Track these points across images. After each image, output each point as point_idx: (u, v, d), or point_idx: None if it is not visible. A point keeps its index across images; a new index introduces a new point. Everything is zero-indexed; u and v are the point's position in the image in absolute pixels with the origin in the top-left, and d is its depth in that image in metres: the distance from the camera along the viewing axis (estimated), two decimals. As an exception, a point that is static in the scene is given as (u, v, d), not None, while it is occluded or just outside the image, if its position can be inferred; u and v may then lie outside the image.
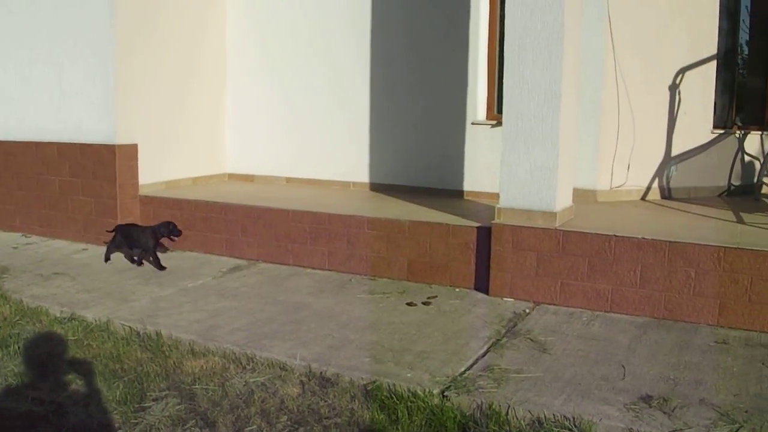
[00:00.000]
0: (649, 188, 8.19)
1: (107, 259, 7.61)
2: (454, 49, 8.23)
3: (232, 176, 9.82)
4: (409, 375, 4.58)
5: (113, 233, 7.57)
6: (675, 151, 8.28)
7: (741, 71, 10.06)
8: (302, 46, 9.14)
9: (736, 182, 8.98)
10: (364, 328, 5.49)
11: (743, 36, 9.89)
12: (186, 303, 6.13)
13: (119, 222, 7.94)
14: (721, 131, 8.84)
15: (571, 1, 6.10)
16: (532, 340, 5.25)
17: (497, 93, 8.10)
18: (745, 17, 9.81)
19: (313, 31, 9.04)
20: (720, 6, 8.76)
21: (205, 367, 4.86)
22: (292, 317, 5.72)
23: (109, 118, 8.11)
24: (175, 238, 7.46)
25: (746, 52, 10.07)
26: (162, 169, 8.76)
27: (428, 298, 6.27)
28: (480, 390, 4.35)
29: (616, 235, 5.89)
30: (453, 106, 8.29)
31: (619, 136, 7.82)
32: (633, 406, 4.15)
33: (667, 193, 8.32)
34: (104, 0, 8.01)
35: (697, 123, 8.49)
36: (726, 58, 9.35)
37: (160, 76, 8.64)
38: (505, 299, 6.23)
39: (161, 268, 7.27)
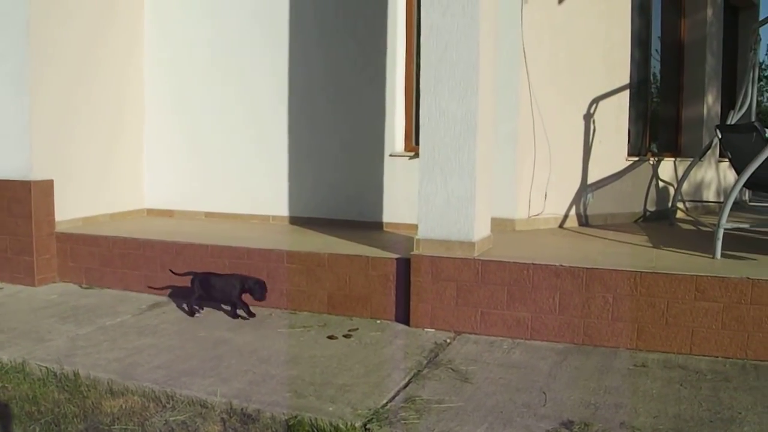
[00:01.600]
0: (566, 216, 8.44)
1: (193, 313, 7.05)
2: (372, 81, 8.38)
3: (151, 211, 9.80)
4: (330, 409, 4.63)
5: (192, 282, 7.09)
6: (591, 178, 8.56)
7: (654, 99, 10.44)
8: (219, 79, 9.19)
9: (651, 208, 9.30)
10: (285, 362, 5.54)
11: (655, 65, 10.27)
12: (104, 341, 6.11)
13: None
14: (636, 158, 9.16)
15: (485, 33, 6.31)
16: (453, 370, 5.35)
17: (415, 124, 8.27)
18: (656, 47, 10.19)
19: (230, 64, 9.11)
20: (632, 36, 9.10)
21: (124, 407, 4.85)
22: (212, 353, 5.75)
23: (24, 153, 8.04)
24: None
25: (659, 81, 10.46)
26: (79, 206, 8.71)
27: (349, 330, 6.35)
28: (402, 422, 4.43)
29: (534, 263, 6.08)
30: (371, 138, 8.43)
31: (536, 165, 8.05)
32: (554, 433, 4.27)
33: (584, 221, 8.59)
34: (20, 33, 7.95)
35: (612, 151, 8.80)
36: (639, 87, 9.71)
37: (76, 110, 8.60)
38: (426, 330, 6.35)
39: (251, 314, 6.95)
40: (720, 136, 8.36)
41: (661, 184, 9.60)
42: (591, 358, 5.66)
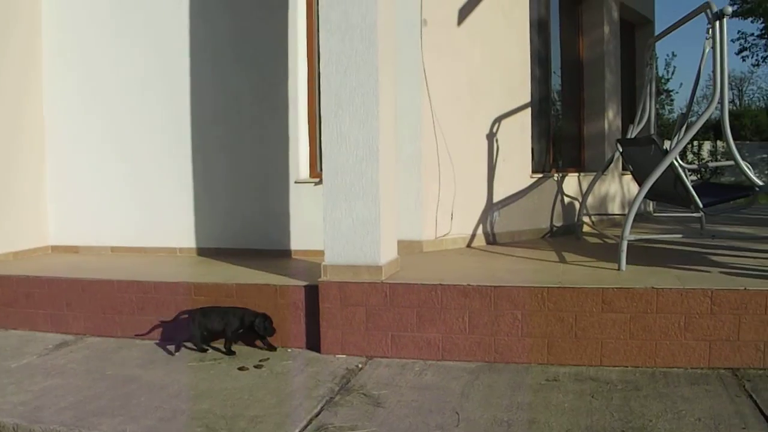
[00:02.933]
0: (473, 235, 8.51)
1: (204, 350, 6.72)
2: (275, 108, 8.35)
3: (55, 248, 9.58)
4: (242, 442, 4.59)
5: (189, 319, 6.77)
6: (497, 197, 8.66)
7: (556, 117, 10.64)
8: (120, 111, 9.06)
9: (558, 223, 9.45)
10: (195, 396, 5.45)
11: (556, 83, 10.48)
12: (9, 385, 5.94)
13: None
14: (541, 175, 9.31)
15: (384, 57, 6.34)
16: (365, 395, 5.32)
17: (319, 150, 8.27)
18: (556, 65, 10.40)
19: (130, 96, 8.99)
20: (532, 55, 9.26)
21: (29, 453, 4.74)
22: (121, 391, 5.63)
23: None
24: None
25: (560, 98, 10.67)
26: (-21, 246, 8.49)
27: (260, 360, 6.28)
28: (315, 450, 4.42)
29: (442, 284, 6.10)
30: (276, 165, 8.39)
31: (441, 186, 8.11)
32: (470, 454, 4.30)
33: (491, 239, 8.67)
34: None
35: (517, 168, 8.92)
36: (541, 105, 9.88)
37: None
38: (337, 356, 6.31)
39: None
40: (621, 150, 8.56)
41: (566, 199, 9.77)
42: (503, 375, 5.68)
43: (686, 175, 7.40)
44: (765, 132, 46.54)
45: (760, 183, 7.10)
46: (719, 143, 37.91)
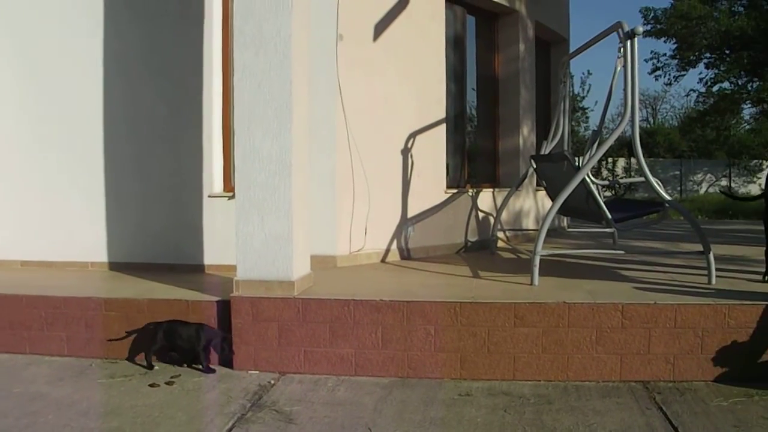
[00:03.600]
0: (388, 250, 8.53)
1: (151, 366, 6.51)
2: (189, 122, 8.25)
3: (-40, 265, 9.32)
4: (151, 461, 4.52)
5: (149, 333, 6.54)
6: (411, 212, 8.70)
7: (471, 132, 10.74)
8: (31, 121, 8.87)
9: (472, 238, 9.53)
10: (105, 414, 5.33)
11: (471, 99, 10.58)
12: None
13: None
14: (455, 190, 9.37)
15: (298, 72, 6.32)
16: (277, 411, 5.27)
17: (233, 165, 8.18)
18: (472, 81, 10.50)
19: (40, 107, 8.80)
20: (447, 71, 9.34)
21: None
22: (27, 409, 5.48)
23: None
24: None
25: (475, 114, 10.77)
26: None
27: (171, 377, 6.18)
28: (225, 467, 4.36)
29: (354, 299, 6.09)
30: (190, 179, 8.29)
31: (355, 201, 8.11)
32: (379, 468, 4.29)
33: (406, 254, 8.70)
34: None
35: (431, 184, 8.98)
36: (456, 121, 9.97)
37: None
38: (250, 372, 6.25)
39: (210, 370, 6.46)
40: (535, 166, 8.67)
41: (480, 214, 9.86)
42: (416, 390, 5.68)
43: (599, 191, 7.54)
44: (677, 149, 47.75)
45: (669, 198, 7.25)
46: (633, 160, 38.73)
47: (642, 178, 7.42)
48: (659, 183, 7.29)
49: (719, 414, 5.23)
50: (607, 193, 25.16)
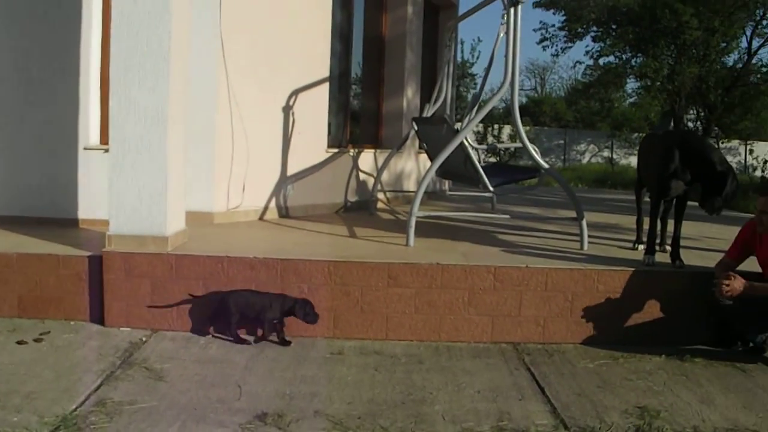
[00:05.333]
0: (266, 208, 8.50)
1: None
2: (66, 70, 7.97)
3: None
4: (15, 419, 4.37)
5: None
6: (291, 170, 8.68)
7: (355, 92, 10.75)
8: None
9: (352, 198, 9.59)
10: (-35, 372, 5.23)
11: (357, 59, 10.57)
12: None
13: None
14: (336, 150, 9.39)
15: (178, 23, 6.22)
16: (147, 369, 5.23)
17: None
18: (358, 41, 10.49)
19: None
20: (333, 30, 9.30)
21: None
22: None
23: None
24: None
25: (360, 75, 10.78)
26: None
27: (40, 334, 6.05)
28: (91, 426, 4.27)
29: (228, 256, 6.07)
30: (66, 130, 8.04)
31: (234, 158, 8.03)
32: (249, 425, 4.28)
33: (284, 212, 8.69)
34: None
35: (312, 143, 8.98)
36: (340, 80, 9.96)
37: None
38: (122, 329, 6.16)
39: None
40: (416, 128, 8.76)
41: (361, 175, 9.91)
42: (288, 349, 5.73)
43: (478, 156, 7.66)
44: (563, 119, 48.70)
45: (546, 166, 7.43)
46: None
47: (519, 144, 7.58)
48: (536, 150, 7.46)
49: (585, 375, 5.45)
50: (492, 159, 25.60)
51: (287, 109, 8.56)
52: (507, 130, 30.05)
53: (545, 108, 50.64)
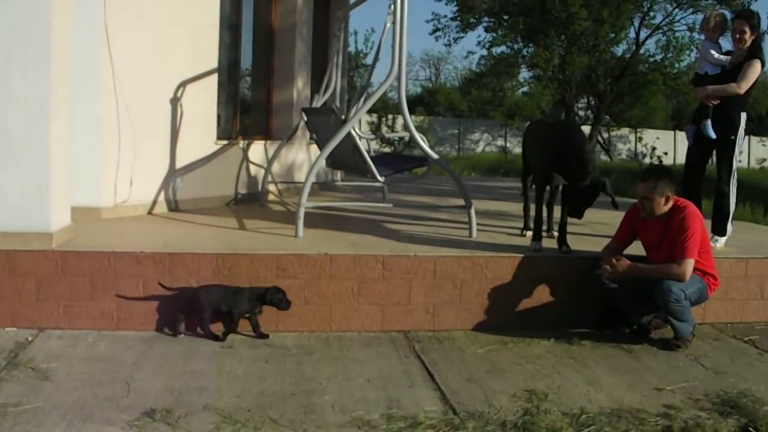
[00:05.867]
0: (155, 202, 8.38)
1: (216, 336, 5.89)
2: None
3: None
4: None
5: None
6: (180, 163, 8.58)
7: (245, 83, 10.70)
8: None
9: (243, 190, 9.54)
10: None
11: (246, 49, 10.51)
12: None
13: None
14: (226, 142, 9.33)
15: (60, 12, 6.09)
16: (33, 369, 5.11)
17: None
18: (248, 31, 10.43)
19: None
20: (221, 20, 9.22)
21: None
22: None
23: None
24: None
25: (249, 65, 10.73)
26: None
27: None
28: (-27, 430, 4.20)
29: (115, 252, 5.98)
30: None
31: (120, 151, 7.88)
32: (137, 423, 4.24)
33: (174, 206, 8.59)
34: None
35: (201, 135, 8.89)
36: (229, 71, 9.89)
37: None
38: (7, 329, 6.00)
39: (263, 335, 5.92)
40: (306, 119, 8.77)
41: (252, 166, 9.87)
42: (178, 343, 5.69)
43: (368, 146, 7.71)
44: (457, 109, 49.21)
45: (435, 155, 7.53)
46: (413, 117, 39.62)
47: (406, 133, 7.66)
48: (424, 139, 7.56)
49: (474, 361, 5.56)
50: (387, 149, 25.76)
51: (175, 101, 8.46)
52: (401, 120, 30.24)
53: (440, 98, 51.12)
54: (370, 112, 31.71)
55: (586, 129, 35.31)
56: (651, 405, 4.82)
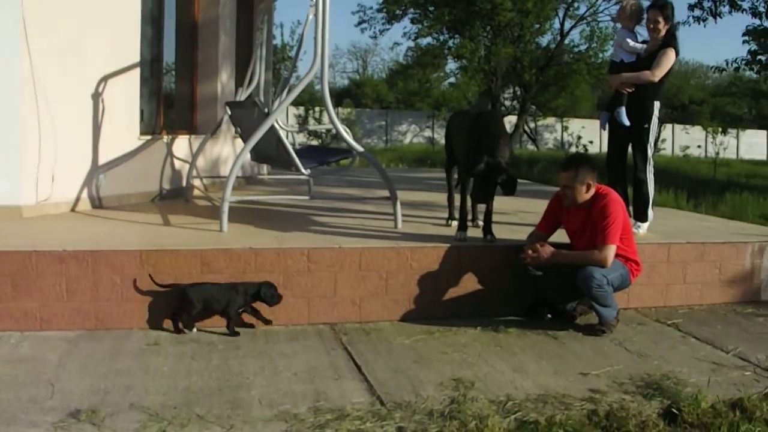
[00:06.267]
0: (78, 199, 8.23)
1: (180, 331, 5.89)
2: None
3: None
4: None
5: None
6: (102, 159, 8.44)
7: (168, 78, 10.59)
8: None
9: (167, 186, 9.45)
10: None
11: (169, 44, 10.40)
12: None
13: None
14: (150, 137, 9.22)
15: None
16: (-46, 372, 5.04)
17: None
18: (170, 25, 10.32)
19: None
20: (143, 14, 9.10)
21: None
22: None
23: None
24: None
25: (173, 60, 10.62)
26: None
27: None
28: None
29: (36, 251, 5.86)
30: None
31: (41, 148, 7.72)
32: (61, 424, 4.17)
33: (98, 203, 8.45)
34: None
35: (124, 130, 8.76)
36: (152, 66, 9.79)
37: None
38: (-75, 333, 5.91)
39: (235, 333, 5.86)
40: (230, 113, 8.72)
41: (176, 162, 9.77)
42: (103, 342, 5.60)
43: (294, 139, 7.69)
44: (385, 100, 49.35)
45: (359, 147, 7.55)
46: (340, 109, 39.70)
47: (330, 126, 7.67)
48: (348, 131, 7.57)
49: (401, 351, 5.59)
50: (314, 142, 25.72)
51: (97, 96, 8.32)
52: (329, 113, 30.16)
53: (367, 90, 51.20)
54: (296, 104, 31.67)
55: (512, 119, 35.74)
56: (576, 390, 4.90)
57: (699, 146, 43.69)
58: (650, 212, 7.69)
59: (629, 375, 5.22)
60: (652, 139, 7.57)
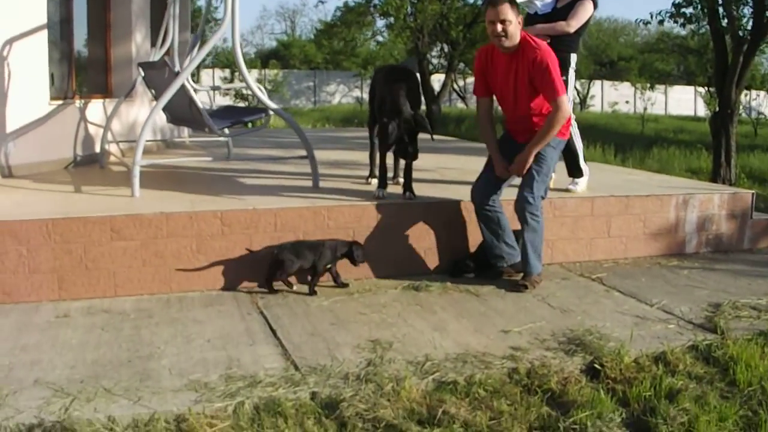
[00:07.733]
0: (-14, 169, 7.94)
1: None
2: None
3: None
4: None
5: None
6: (11, 126, 8.09)
7: (80, 40, 10.23)
8: None
9: (81, 152, 9.14)
10: None
11: (79, 3, 10.03)
12: None
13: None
14: (61, 102, 8.90)
15: None
16: None
17: None
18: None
19: None
20: (50, -27, 8.74)
21: None
22: None
23: None
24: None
25: (84, 20, 10.26)
26: None
27: None
28: None
29: (-64, 223, 5.61)
30: None
31: (-57, 116, 7.42)
32: (-41, 405, 3.97)
33: (7, 172, 8.09)
34: None
35: (33, 95, 8.42)
36: (61, 27, 9.42)
37: None
38: None
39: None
40: (143, 74, 8.45)
41: (91, 126, 9.45)
42: (10, 317, 5.37)
43: (211, 100, 7.48)
44: (313, 62, 49.10)
45: (273, 105, 7.37)
46: (267, 71, 39.30)
47: (243, 84, 7.47)
48: (263, 90, 7.37)
49: (319, 314, 5.49)
50: (242, 103, 25.40)
51: (1, 60, 7.98)
52: (255, 74, 29.89)
53: (294, 51, 50.83)
54: (222, 66, 31.23)
55: (441, 77, 35.69)
56: (497, 348, 4.84)
57: (627, 102, 44.25)
58: (584, 166, 7.56)
59: (551, 331, 5.19)
60: (571, 92, 7.47)
